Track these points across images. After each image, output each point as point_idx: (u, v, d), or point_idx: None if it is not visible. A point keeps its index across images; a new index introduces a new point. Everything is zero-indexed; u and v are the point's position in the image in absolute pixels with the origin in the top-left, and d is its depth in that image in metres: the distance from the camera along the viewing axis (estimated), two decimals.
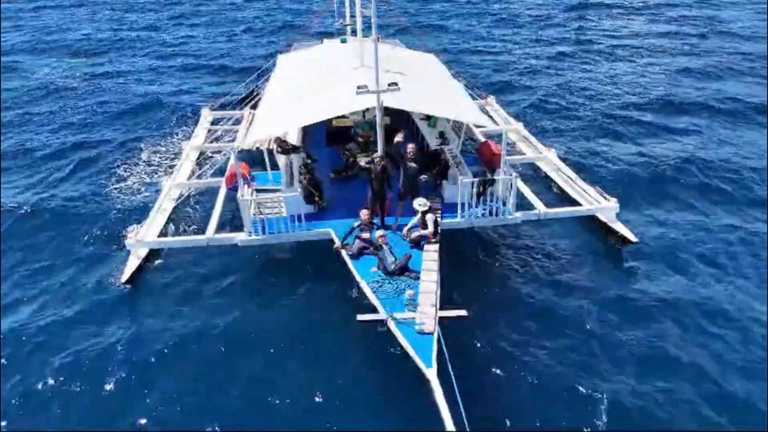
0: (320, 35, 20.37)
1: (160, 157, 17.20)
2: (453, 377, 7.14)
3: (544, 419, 8.07)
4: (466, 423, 6.63)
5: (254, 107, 17.36)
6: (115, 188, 15.24)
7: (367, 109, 13.68)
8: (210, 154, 16.14)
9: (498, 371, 8.82)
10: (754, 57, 26.85)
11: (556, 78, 24.34)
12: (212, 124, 18.54)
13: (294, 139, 13.80)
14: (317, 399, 8.45)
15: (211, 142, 17.13)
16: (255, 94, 18.29)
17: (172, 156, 17.08)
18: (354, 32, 15.77)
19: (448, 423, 6.46)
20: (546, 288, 10.63)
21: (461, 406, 6.80)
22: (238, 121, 18.13)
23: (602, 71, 25.33)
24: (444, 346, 7.63)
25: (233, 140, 16.64)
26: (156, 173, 16.09)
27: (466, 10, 39.09)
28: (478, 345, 9.24)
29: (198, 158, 16.18)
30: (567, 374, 8.77)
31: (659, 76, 24.59)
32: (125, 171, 16.30)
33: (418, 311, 8.24)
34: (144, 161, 16.91)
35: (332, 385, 8.65)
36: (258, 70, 19.79)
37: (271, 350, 9.39)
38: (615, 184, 14.27)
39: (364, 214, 10.03)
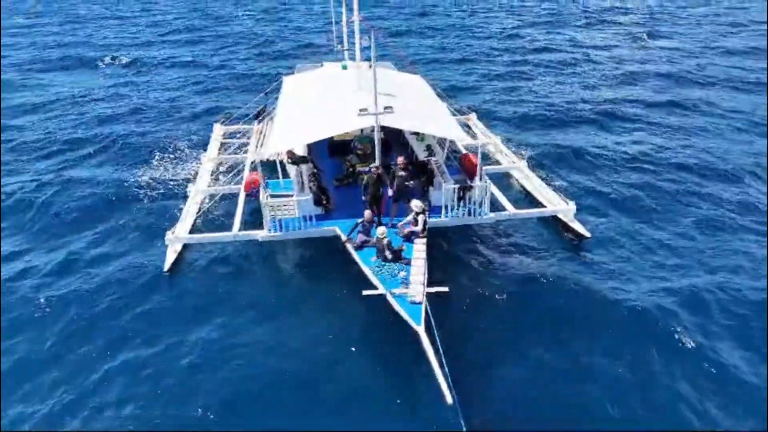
0: (320, 58, 22.69)
1: (182, 164, 19.55)
2: (436, 334, 9.40)
3: (504, 361, 10.44)
4: (446, 366, 8.85)
5: (261, 122, 19.72)
6: (146, 188, 17.52)
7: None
8: (224, 164, 18.41)
9: (473, 332, 11.11)
10: (703, 64, 29.98)
11: (531, 96, 27.08)
12: (224, 137, 20.86)
13: (300, 151, 16.08)
14: (328, 349, 10.76)
15: (225, 153, 19.37)
16: (262, 110, 20.52)
17: (192, 163, 19.32)
18: (351, 56, 18.15)
19: (434, 363, 8.70)
20: (513, 271, 13.01)
21: (442, 354, 9.04)
22: (246, 135, 20.45)
23: (563, 87, 28.22)
24: (430, 314, 9.89)
25: (244, 152, 18.94)
26: (180, 176, 18.33)
27: (450, 38, 41.97)
28: (457, 313, 11.49)
29: (214, 168, 18.43)
30: (519, 330, 11.24)
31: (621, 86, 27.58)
32: (155, 173, 18.70)
33: (410, 287, 10.51)
34: (171, 166, 19.35)
35: (342, 341, 10.90)
36: (264, 90, 22.13)
37: (289, 315, 11.73)
38: (575, 188, 16.76)
39: (367, 214, 12.28)
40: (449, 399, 8.14)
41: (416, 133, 17.25)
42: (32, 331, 11.42)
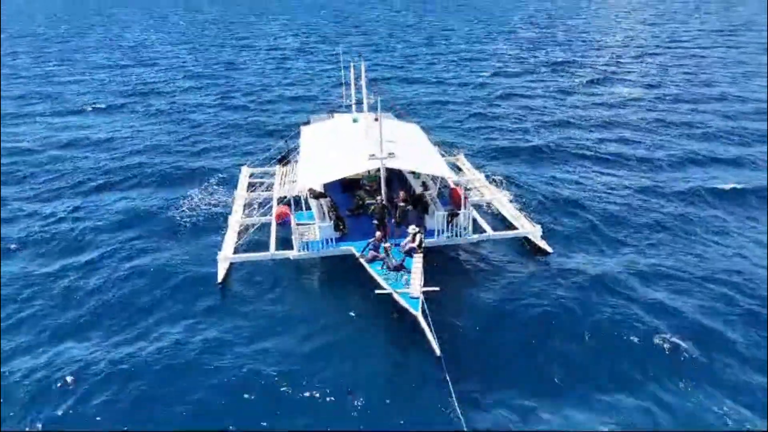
0: (331, 110, 26.82)
1: (216, 196, 23.46)
2: (429, 318, 12.86)
3: (480, 335, 13.97)
4: (437, 340, 12.29)
5: (285, 165, 23.55)
6: (190, 217, 21.31)
7: None
8: (255, 200, 22.10)
9: (457, 317, 14.60)
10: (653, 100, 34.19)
11: (508, 135, 31.25)
12: (250, 177, 24.64)
13: (319, 188, 19.81)
14: (346, 332, 14.31)
15: (252, 191, 23.11)
16: (286, 155, 24.36)
17: (221, 196, 23.21)
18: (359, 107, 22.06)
19: (428, 334, 12.16)
20: (490, 277, 16.59)
21: (435, 335, 12.48)
22: (269, 175, 24.26)
23: (534, 126, 32.39)
24: (425, 305, 13.36)
25: (269, 190, 22.68)
26: (216, 208, 22.18)
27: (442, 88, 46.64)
28: (446, 308, 14.88)
29: (245, 203, 22.12)
30: (493, 316, 14.82)
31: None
32: (199, 203, 22.60)
33: (410, 287, 14.03)
34: (209, 199, 23.25)
35: (356, 329, 14.37)
36: (284, 137, 26.11)
37: (318, 310, 15.33)
38: (541, 214, 20.55)
39: (377, 235, 15.88)
40: (438, 352, 11.62)
41: (413, 172, 21.06)
42: (143, 321, 15.07)
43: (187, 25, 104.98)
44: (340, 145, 19.93)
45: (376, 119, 18.02)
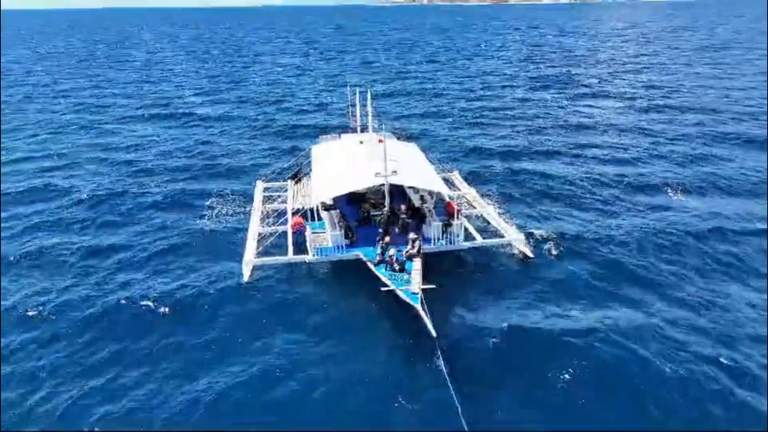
0: (338, 131, 29.65)
1: (233, 206, 26.09)
2: (427, 309, 15.41)
3: (471, 322, 16.47)
4: (433, 329, 14.80)
5: (298, 181, 26.19)
6: (214, 224, 23.96)
7: None
8: (271, 211, 24.68)
9: (450, 308, 17.13)
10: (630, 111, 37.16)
11: (501, 156, 34.08)
12: (264, 191, 27.24)
13: (329, 201, 22.44)
14: (356, 323, 16.76)
15: (267, 204, 25.70)
16: (298, 171, 27.00)
17: (238, 206, 25.87)
18: (363, 128, 24.84)
19: (427, 322, 14.70)
20: (480, 278, 19.15)
21: (431, 322, 15.01)
22: (283, 189, 26.88)
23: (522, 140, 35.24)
24: (423, 300, 15.91)
25: (283, 202, 25.29)
26: (234, 217, 24.80)
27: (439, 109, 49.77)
28: (441, 300, 17.37)
29: (261, 215, 24.70)
30: (479, 304, 17.41)
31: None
32: (220, 214, 25.20)
33: (411, 285, 16.59)
34: (229, 209, 25.89)
35: (366, 320, 16.88)
36: (295, 154, 28.82)
37: (330, 306, 17.72)
38: (526, 222, 23.24)
39: (386, 240, 18.46)
40: (434, 334, 14.20)
41: (413, 187, 23.74)
42: (189, 322, 17.27)
43: (215, 49, 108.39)
44: (349, 163, 22.62)
45: (380, 141, 20.76)
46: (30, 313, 17.68)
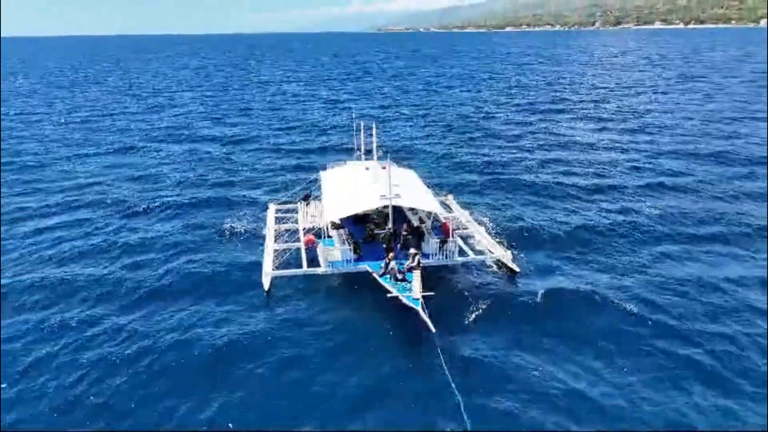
0: (344, 157, 32.62)
1: (249, 224, 28.86)
2: (426, 311, 18.00)
3: (468, 322, 19.11)
4: (432, 325, 17.38)
5: (309, 204, 28.93)
6: (231, 241, 26.71)
7: None
8: (284, 231, 27.35)
9: (446, 313, 19.66)
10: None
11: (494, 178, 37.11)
12: (277, 213, 29.94)
13: (338, 220, 25.17)
14: (363, 324, 19.30)
15: (280, 224, 28.40)
16: (309, 195, 29.72)
17: (253, 223, 28.64)
18: (367, 154, 27.88)
19: (427, 320, 17.29)
20: (470, 286, 21.78)
21: (430, 319, 17.58)
22: (294, 211, 29.62)
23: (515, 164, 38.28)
24: (423, 304, 18.49)
25: (295, 222, 27.97)
26: (251, 234, 27.57)
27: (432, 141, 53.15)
28: (439, 306, 19.94)
29: (275, 233, 27.35)
30: (470, 310, 19.97)
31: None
32: (239, 233, 27.91)
33: (413, 292, 19.20)
34: (243, 225, 28.68)
35: (372, 322, 19.43)
36: (305, 179, 31.69)
37: (341, 311, 20.29)
38: (511, 238, 26.02)
39: (390, 255, 21.12)
40: (433, 329, 16.80)
41: (412, 208, 26.55)
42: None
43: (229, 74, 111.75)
44: (356, 187, 25.44)
45: (384, 168, 23.57)
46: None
